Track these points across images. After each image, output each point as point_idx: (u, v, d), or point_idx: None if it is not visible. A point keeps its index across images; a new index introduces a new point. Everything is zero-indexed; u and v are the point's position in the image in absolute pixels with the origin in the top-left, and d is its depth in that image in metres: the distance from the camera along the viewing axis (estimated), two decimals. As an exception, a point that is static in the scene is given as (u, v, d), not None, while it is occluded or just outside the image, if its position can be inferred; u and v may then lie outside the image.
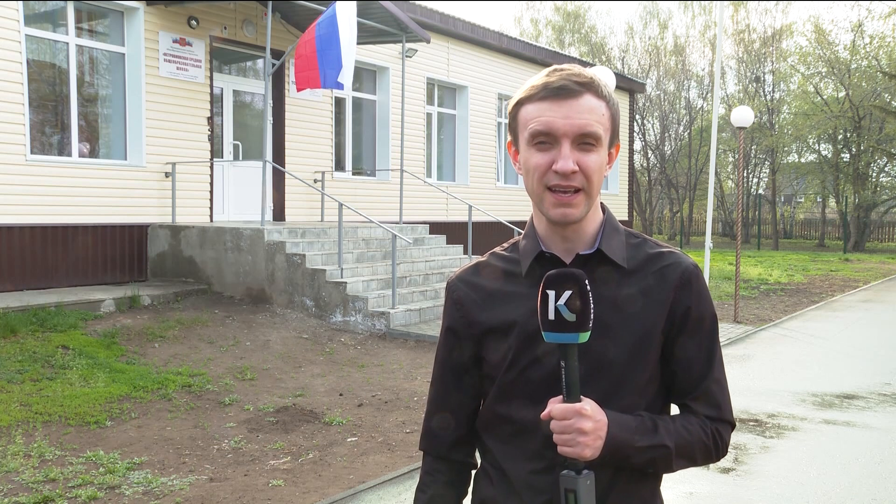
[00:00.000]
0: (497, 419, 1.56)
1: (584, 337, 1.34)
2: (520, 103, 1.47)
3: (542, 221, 1.52)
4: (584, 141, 1.41)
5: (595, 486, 1.38)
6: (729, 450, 5.59)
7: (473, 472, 1.69)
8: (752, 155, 34.57)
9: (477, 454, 1.67)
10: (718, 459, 1.56)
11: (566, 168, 1.39)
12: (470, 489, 1.69)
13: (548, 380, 1.47)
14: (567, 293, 1.33)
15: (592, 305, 1.34)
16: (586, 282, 1.34)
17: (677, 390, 1.55)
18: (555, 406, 1.38)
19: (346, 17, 10.08)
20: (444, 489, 1.65)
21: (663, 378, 1.54)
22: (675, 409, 1.59)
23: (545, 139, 1.42)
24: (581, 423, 1.36)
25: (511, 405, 1.53)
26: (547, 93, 1.42)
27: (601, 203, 1.54)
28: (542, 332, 1.36)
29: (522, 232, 1.60)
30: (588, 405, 1.38)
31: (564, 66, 1.47)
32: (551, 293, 1.34)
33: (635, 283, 1.50)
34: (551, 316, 1.34)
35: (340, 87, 10.25)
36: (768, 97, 34.19)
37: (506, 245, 1.63)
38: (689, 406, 1.54)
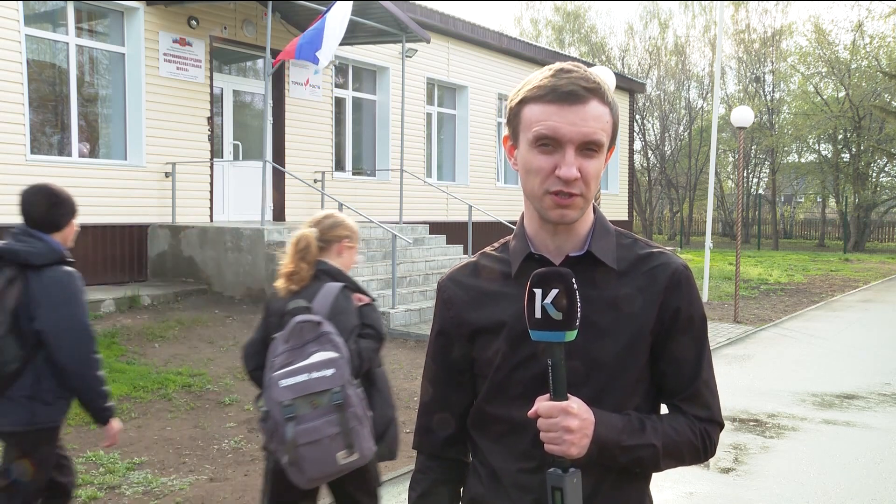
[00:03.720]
0: (487, 418, 1.57)
1: (571, 335, 1.35)
2: (524, 101, 1.45)
3: (534, 222, 1.52)
4: (588, 148, 1.41)
5: (582, 487, 1.38)
6: (729, 450, 5.61)
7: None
8: (752, 155, 34.54)
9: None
10: (707, 459, 1.57)
11: (570, 175, 1.39)
12: None
13: (537, 379, 1.46)
14: (554, 292, 1.34)
15: (579, 304, 1.35)
16: (573, 280, 1.34)
17: (667, 391, 1.55)
18: (541, 404, 1.38)
19: (341, 12, 10.25)
20: (436, 487, 1.65)
21: (653, 378, 1.54)
22: (663, 409, 1.59)
23: (549, 143, 1.41)
24: (567, 422, 1.36)
25: (501, 404, 1.53)
26: (554, 97, 1.40)
27: (592, 204, 1.54)
28: (529, 331, 1.37)
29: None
30: (574, 403, 1.38)
31: (569, 65, 1.44)
32: (538, 292, 1.35)
33: (626, 284, 1.50)
34: (538, 314, 1.35)
35: (316, 61, 10.35)
36: (768, 97, 34.17)
37: (496, 245, 1.63)
38: (678, 406, 1.54)
